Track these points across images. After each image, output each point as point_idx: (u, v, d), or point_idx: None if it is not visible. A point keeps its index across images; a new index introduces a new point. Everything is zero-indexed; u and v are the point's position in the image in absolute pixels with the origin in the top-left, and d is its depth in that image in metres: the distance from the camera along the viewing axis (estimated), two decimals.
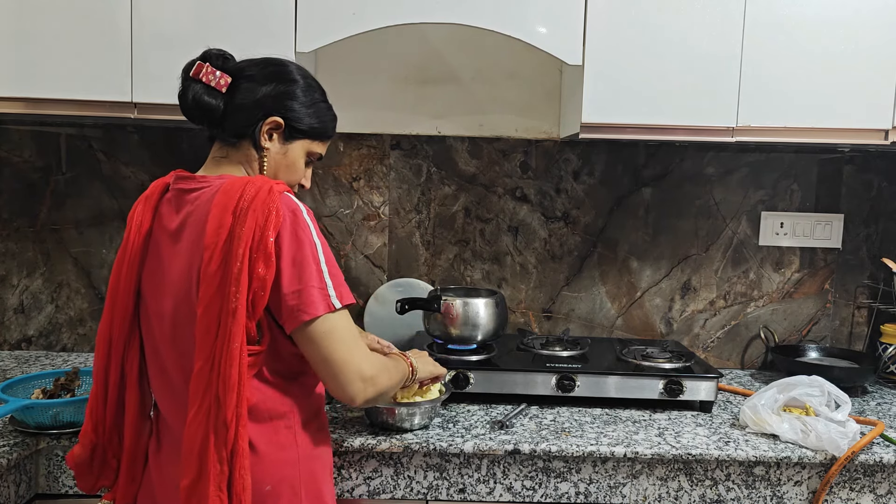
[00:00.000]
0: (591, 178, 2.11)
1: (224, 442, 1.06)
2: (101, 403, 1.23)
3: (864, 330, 2.17)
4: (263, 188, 1.10)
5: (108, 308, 1.22)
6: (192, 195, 1.17)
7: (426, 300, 1.77)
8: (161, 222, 1.20)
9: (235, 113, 1.19)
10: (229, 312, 1.06)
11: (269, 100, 1.19)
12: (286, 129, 1.21)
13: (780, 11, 1.68)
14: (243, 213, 1.07)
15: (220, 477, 1.06)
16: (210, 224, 1.09)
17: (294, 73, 1.24)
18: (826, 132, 1.73)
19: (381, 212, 2.12)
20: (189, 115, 1.20)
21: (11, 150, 2.06)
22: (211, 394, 1.06)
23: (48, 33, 1.65)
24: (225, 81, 1.18)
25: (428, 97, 2.09)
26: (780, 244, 2.14)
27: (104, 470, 1.26)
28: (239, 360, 1.06)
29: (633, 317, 2.16)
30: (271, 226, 1.08)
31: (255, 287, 1.07)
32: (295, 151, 1.24)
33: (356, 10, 1.66)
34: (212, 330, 1.07)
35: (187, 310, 1.12)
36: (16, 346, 2.11)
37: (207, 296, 1.07)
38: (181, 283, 1.14)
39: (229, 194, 1.10)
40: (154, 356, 1.21)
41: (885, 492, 1.51)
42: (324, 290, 1.11)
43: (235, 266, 1.06)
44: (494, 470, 1.49)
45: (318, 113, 1.25)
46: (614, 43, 1.68)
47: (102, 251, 2.09)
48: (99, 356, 1.22)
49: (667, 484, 1.50)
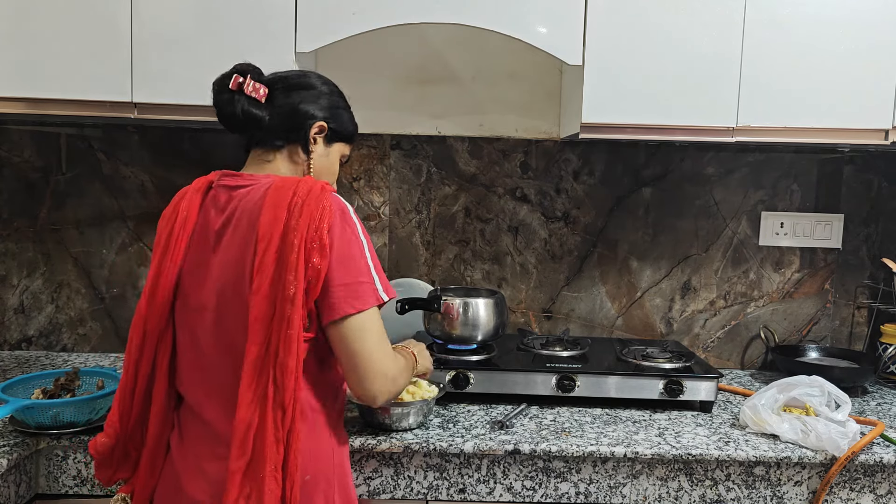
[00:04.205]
0: (591, 178, 2.11)
1: (282, 423, 1.11)
2: (130, 395, 1.25)
3: (864, 330, 2.17)
4: (316, 186, 1.16)
5: (146, 300, 1.24)
6: (238, 192, 1.22)
7: (426, 300, 1.77)
8: (206, 218, 1.24)
9: (278, 119, 1.26)
10: (287, 299, 1.10)
11: (309, 105, 1.27)
12: (328, 133, 1.30)
13: (779, 11, 1.68)
14: (298, 208, 1.13)
15: (276, 458, 1.10)
16: (264, 217, 1.14)
17: (320, 82, 1.32)
18: (826, 132, 1.73)
19: (382, 212, 2.12)
20: (232, 126, 1.26)
21: (11, 150, 2.06)
22: (266, 377, 1.10)
23: (48, 33, 1.65)
24: (264, 92, 1.25)
25: (428, 97, 2.09)
26: (780, 244, 2.14)
27: (124, 462, 1.28)
28: (297, 345, 1.11)
29: (633, 317, 2.16)
30: (325, 220, 1.13)
31: (311, 276, 1.12)
32: (335, 154, 1.33)
33: (356, 10, 1.66)
34: (267, 317, 1.11)
35: (236, 301, 1.16)
36: (16, 346, 2.11)
37: (263, 285, 1.11)
38: (229, 276, 1.17)
39: (282, 191, 1.15)
40: (190, 349, 1.23)
41: (885, 492, 1.51)
42: (372, 285, 1.17)
43: (293, 255, 1.11)
44: (494, 470, 1.49)
45: (347, 118, 1.35)
46: (614, 43, 1.68)
47: (102, 251, 2.09)
48: (132, 349, 1.24)
49: (667, 484, 1.50)
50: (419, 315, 1.86)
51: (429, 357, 1.53)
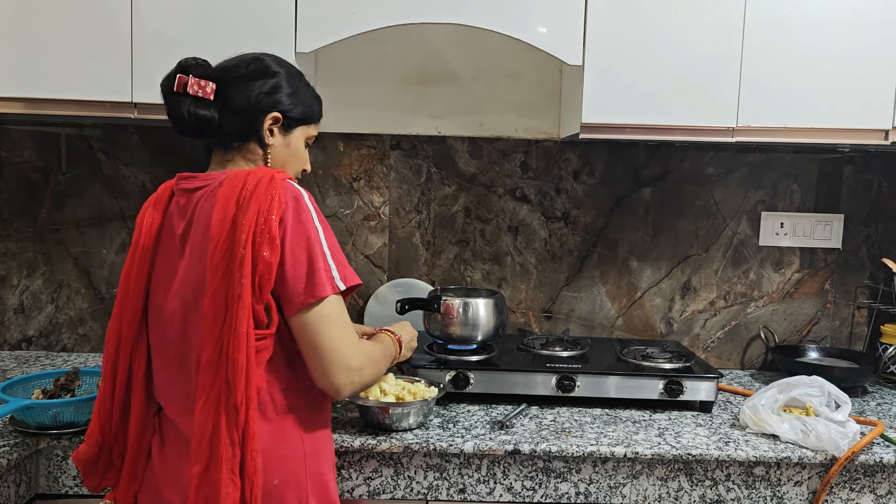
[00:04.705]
0: (591, 178, 2.11)
1: (235, 424, 1.08)
2: (109, 402, 1.25)
3: (864, 330, 2.17)
4: (265, 177, 1.13)
5: (118, 308, 1.24)
6: (196, 194, 1.20)
7: (426, 300, 1.77)
8: (171, 222, 1.22)
9: (230, 117, 1.21)
10: (235, 297, 1.08)
11: (262, 97, 1.22)
12: (284, 121, 1.25)
13: (780, 11, 1.68)
14: (246, 202, 1.10)
15: (232, 461, 1.08)
16: (215, 215, 1.11)
17: (274, 65, 1.26)
18: (826, 132, 1.73)
19: (382, 212, 2.12)
20: (186, 132, 1.21)
21: (11, 150, 2.06)
22: (220, 379, 1.09)
23: (48, 33, 1.65)
24: (211, 89, 1.20)
25: (428, 97, 2.08)
26: (780, 244, 2.14)
27: (109, 469, 1.27)
28: (246, 343, 1.09)
29: (633, 317, 2.16)
30: (274, 211, 1.10)
31: (262, 270, 1.09)
32: (296, 140, 1.28)
33: (356, 10, 1.65)
34: (219, 317, 1.09)
35: (198, 304, 1.14)
36: (16, 346, 2.11)
37: (214, 284, 1.10)
38: (192, 280, 1.15)
39: (232, 185, 1.13)
40: (162, 354, 1.22)
41: (885, 492, 1.51)
42: (328, 272, 1.14)
43: (239, 252, 1.08)
44: (494, 470, 1.49)
45: (306, 98, 1.28)
46: (614, 43, 1.68)
47: (102, 251, 2.09)
48: (108, 355, 1.24)
49: (667, 484, 1.50)
50: (419, 315, 1.86)
51: (413, 332, 1.51)
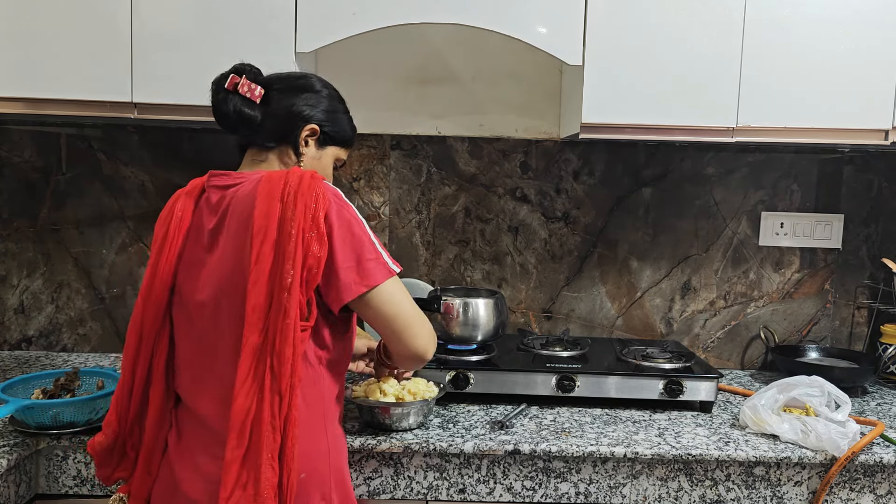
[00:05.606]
0: (591, 178, 2.11)
1: (279, 410, 1.11)
2: (127, 395, 1.26)
3: (864, 330, 2.17)
4: (306, 175, 1.18)
5: (141, 302, 1.25)
6: (230, 190, 1.23)
7: (426, 300, 1.77)
8: (200, 218, 1.25)
9: (272, 120, 1.26)
10: (284, 289, 1.11)
11: (304, 108, 1.29)
12: (321, 136, 1.31)
13: (779, 11, 1.68)
14: (292, 198, 1.14)
15: (273, 446, 1.11)
16: (258, 210, 1.15)
17: (319, 84, 1.33)
18: (826, 132, 1.73)
19: (382, 212, 2.12)
20: (226, 124, 1.27)
21: (11, 150, 2.06)
22: (264, 365, 1.11)
23: (48, 33, 1.65)
24: (259, 92, 1.26)
25: (428, 97, 2.09)
26: (780, 244, 2.14)
27: (123, 461, 1.28)
28: (293, 334, 1.12)
29: (633, 317, 2.16)
30: (321, 207, 1.15)
31: (310, 264, 1.13)
32: (327, 157, 1.35)
33: (356, 10, 1.66)
34: (265, 306, 1.12)
35: (233, 295, 1.16)
36: (16, 347, 2.11)
37: (261, 276, 1.12)
38: (225, 271, 1.18)
39: (273, 183, 1.16)
40: (187, 348, 1.24)
41: (885, 492, 1.51)
42: (380, 260, 1.19)
43: (290, 245, 1.12)
44: (494, 470, 1.49)
45: (345, 122, 1.36)
46: (614, 43, 1.68)
47: (102, 251, 2.09)
48: (129, 349, 1.26)
49: (667, 484, 1.50)
50: None
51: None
